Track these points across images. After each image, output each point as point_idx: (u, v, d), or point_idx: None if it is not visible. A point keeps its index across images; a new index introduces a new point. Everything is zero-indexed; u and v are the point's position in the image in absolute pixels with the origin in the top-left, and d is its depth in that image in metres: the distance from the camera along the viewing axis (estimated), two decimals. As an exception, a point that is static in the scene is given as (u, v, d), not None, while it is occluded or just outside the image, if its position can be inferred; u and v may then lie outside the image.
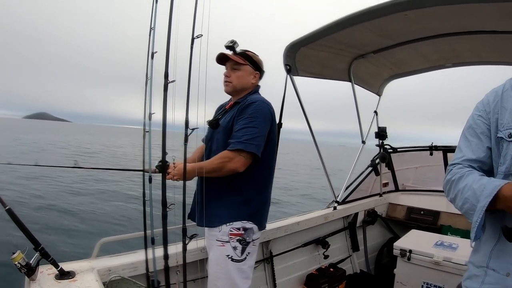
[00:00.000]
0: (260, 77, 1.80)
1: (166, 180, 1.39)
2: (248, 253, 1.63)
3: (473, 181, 0.88)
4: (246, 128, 1.58)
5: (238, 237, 1.60)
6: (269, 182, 1.77)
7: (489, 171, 0.96)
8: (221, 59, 1.72)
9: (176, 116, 1.47)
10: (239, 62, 1.70)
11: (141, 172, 1.63)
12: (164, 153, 1.37)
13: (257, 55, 1.79)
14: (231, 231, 1.60)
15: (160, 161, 1.44)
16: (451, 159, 1.03)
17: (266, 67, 1.83)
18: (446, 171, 1.02)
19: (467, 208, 0.87)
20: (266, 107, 1.69)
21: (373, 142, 3.44)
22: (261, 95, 1.77)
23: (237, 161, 1.55)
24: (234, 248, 1.59)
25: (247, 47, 1.81)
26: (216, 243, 1.61)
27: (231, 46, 1.69)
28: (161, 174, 1.40)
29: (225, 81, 1.74)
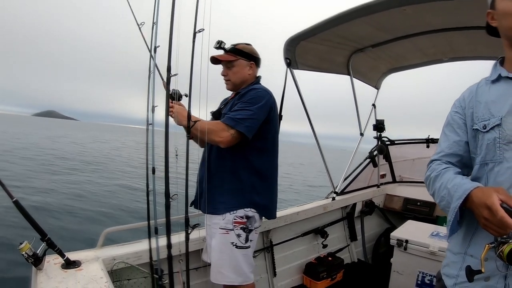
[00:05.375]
0: (257, 65, 1.79)
1: (169, 173, 1.41)
2: (251, 240, 1.67)
3: (447, 181, 0.94)
4: (242, 110, 1.60)
5: (241, 225, 1.63)
6: (272, 171, 1.76)
7: (467, 165, 1.03)
8: (215, 61, 1.75)
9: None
10: (230, 59, 1.73)
11: (145, 164, 1.65)
12: (167, 145, 1.38)
13: (249, 45, 1.78)
14: (235, 219, 1.62)
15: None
16: (432, 155, 1.09)
17: (268, 62, 1.82)
18: (427, 166, 1.08)
19: (444, 205, 0.95)
20: (266, 95, 1.69)
21: (371, 143, 3.45)
22: (262, 85, 1.77)
23: (224, 135, 1.55)
24: (238, 235, 1.62)
25: (250, 41, 1.80)
26: (219, 231, 1.63)
27: (219, 46, 1.73)
28: (164, 167, 1.42)
29: (225, 80, 1.78)
